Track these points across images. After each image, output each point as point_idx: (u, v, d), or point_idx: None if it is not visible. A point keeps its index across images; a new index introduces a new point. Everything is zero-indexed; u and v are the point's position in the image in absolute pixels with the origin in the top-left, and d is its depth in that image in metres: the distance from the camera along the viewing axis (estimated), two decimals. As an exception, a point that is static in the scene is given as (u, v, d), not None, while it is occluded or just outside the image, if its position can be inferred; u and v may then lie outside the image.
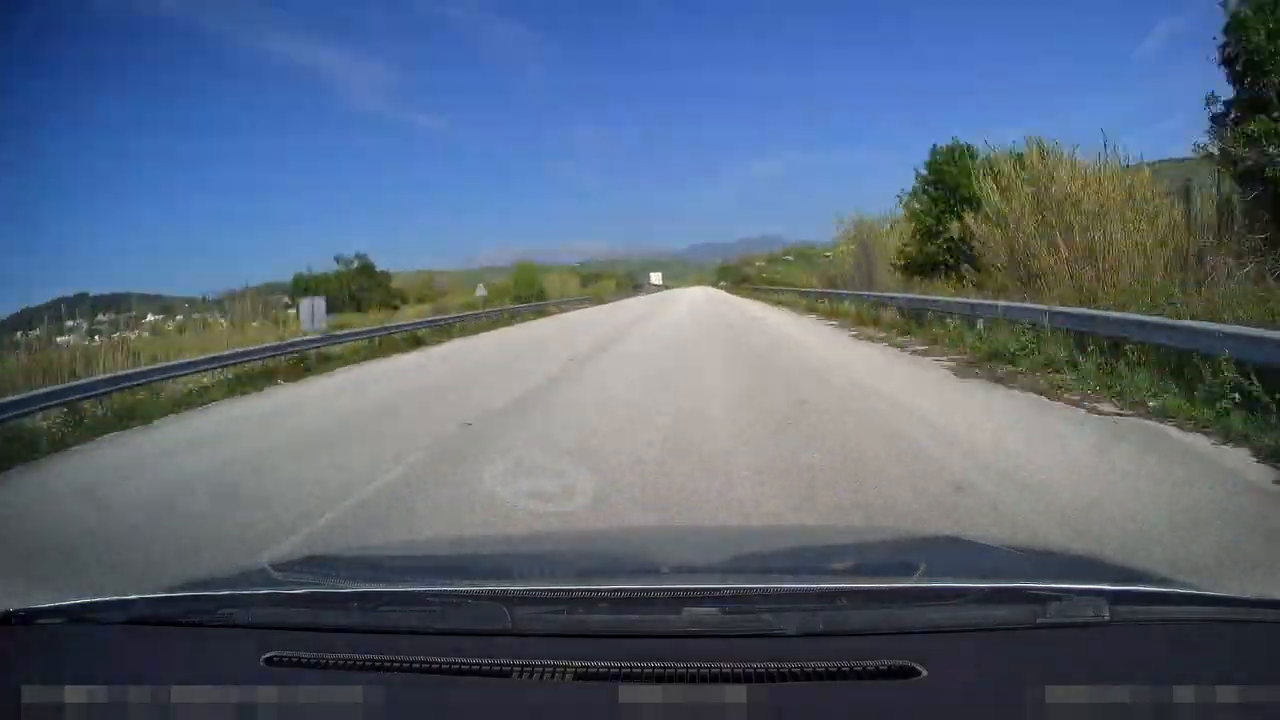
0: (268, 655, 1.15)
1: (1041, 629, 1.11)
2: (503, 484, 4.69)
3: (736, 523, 3.95)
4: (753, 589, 1.29)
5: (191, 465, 6.66)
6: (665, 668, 1.04)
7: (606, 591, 1.31)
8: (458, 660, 1.10)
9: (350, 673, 1.10)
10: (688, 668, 1.03)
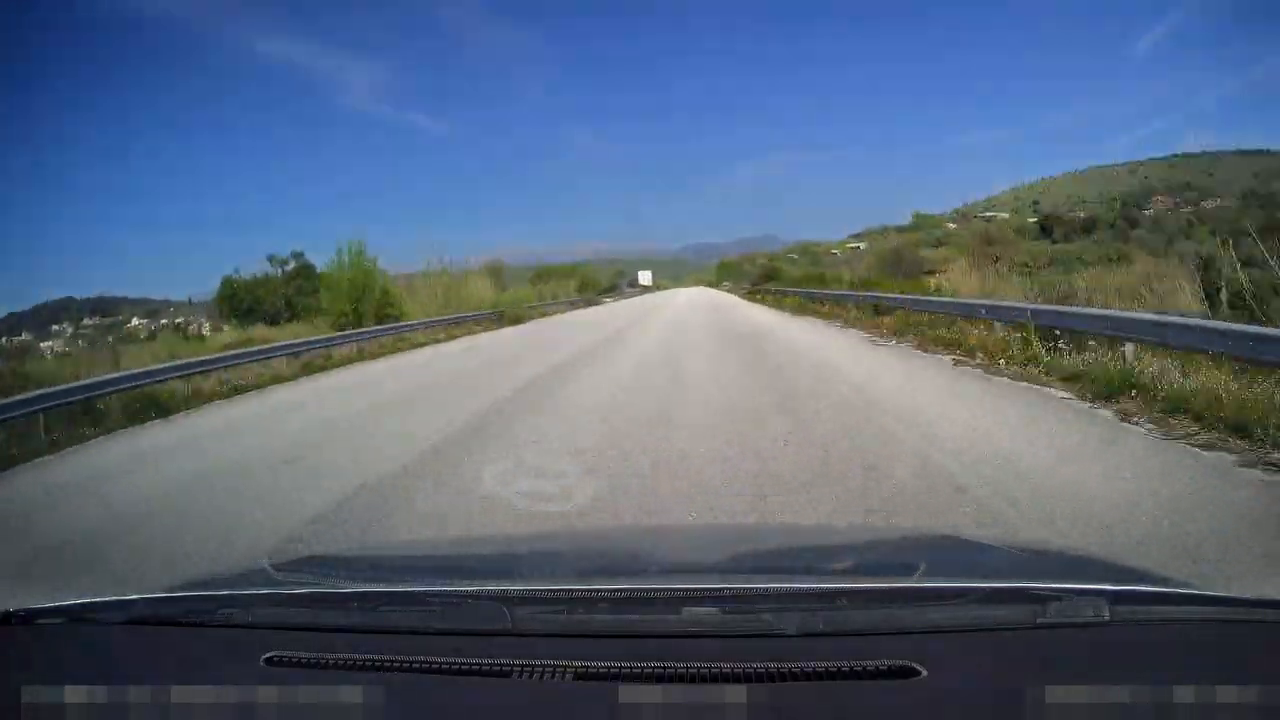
0: (268, 655, 1.15)
1: (1041, 629, 1.11)
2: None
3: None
4: (753, 589, 1.29)
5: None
6: (665, 668, 1.03)
7: (606, 591, 1.31)
8: (458, 660, 1.10)
9: (350, 673, 1.10)
10: (688, 668, 1.03)
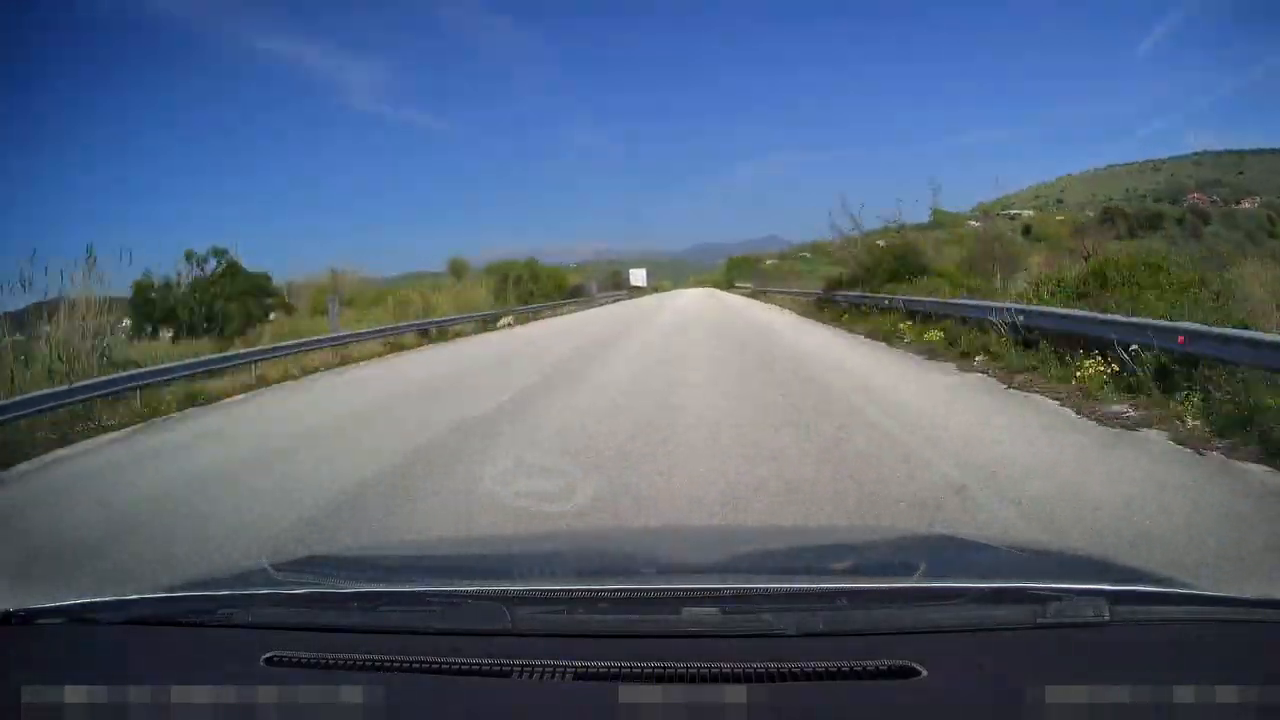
0: (268, 655, 1.15)
1: (1041, 629, 1.11)
2: None
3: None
4: (753, 589, 1.29)
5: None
6: (665, 668, 1.03)
7: (606, 591, 1.31)
8: (458, 660, 1.10)
9: (350, 673, 1.10)
10: (688, 668, 1.03)
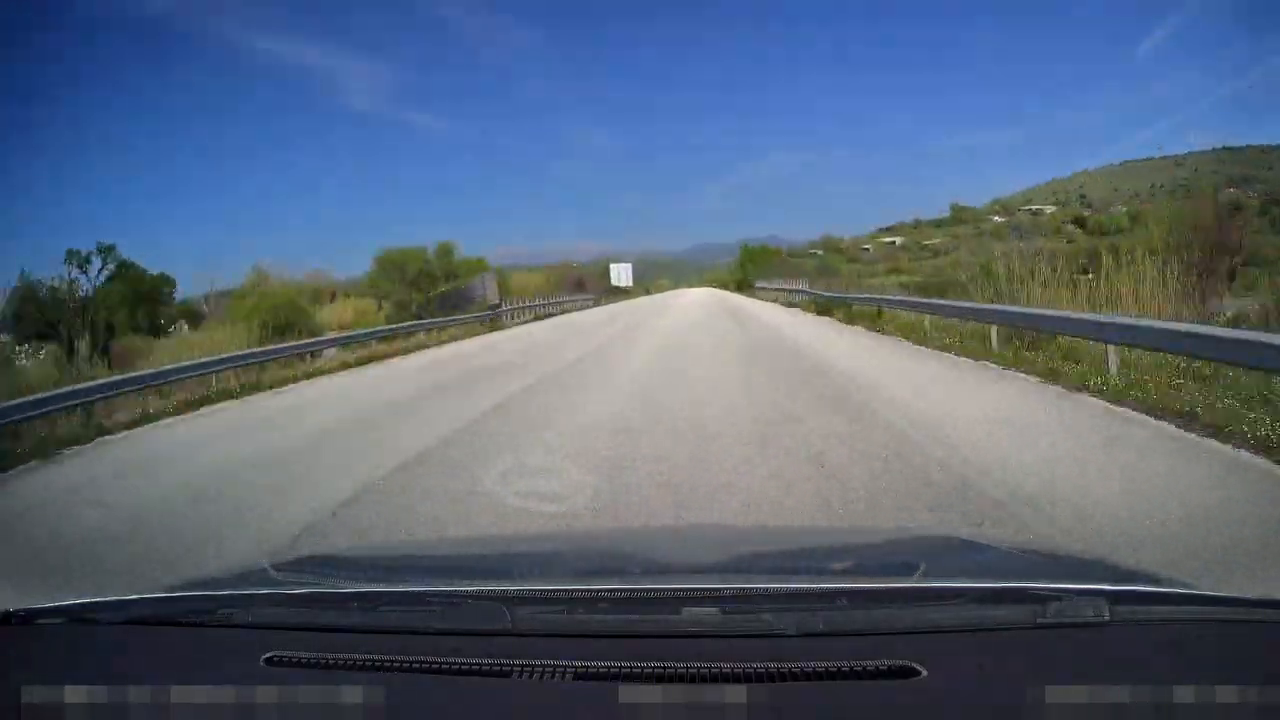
0: (268, 655, 1.15)
1: (1041, 629, 1.11)
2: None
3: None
4: (753, 589, 1.29)
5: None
6: (665, 668, 1.03)
7: (606, 591, 1.31)
8: (458, 660, 1.10)
9: (350, 673, 1.10)
10: (688, 668, 1.03)
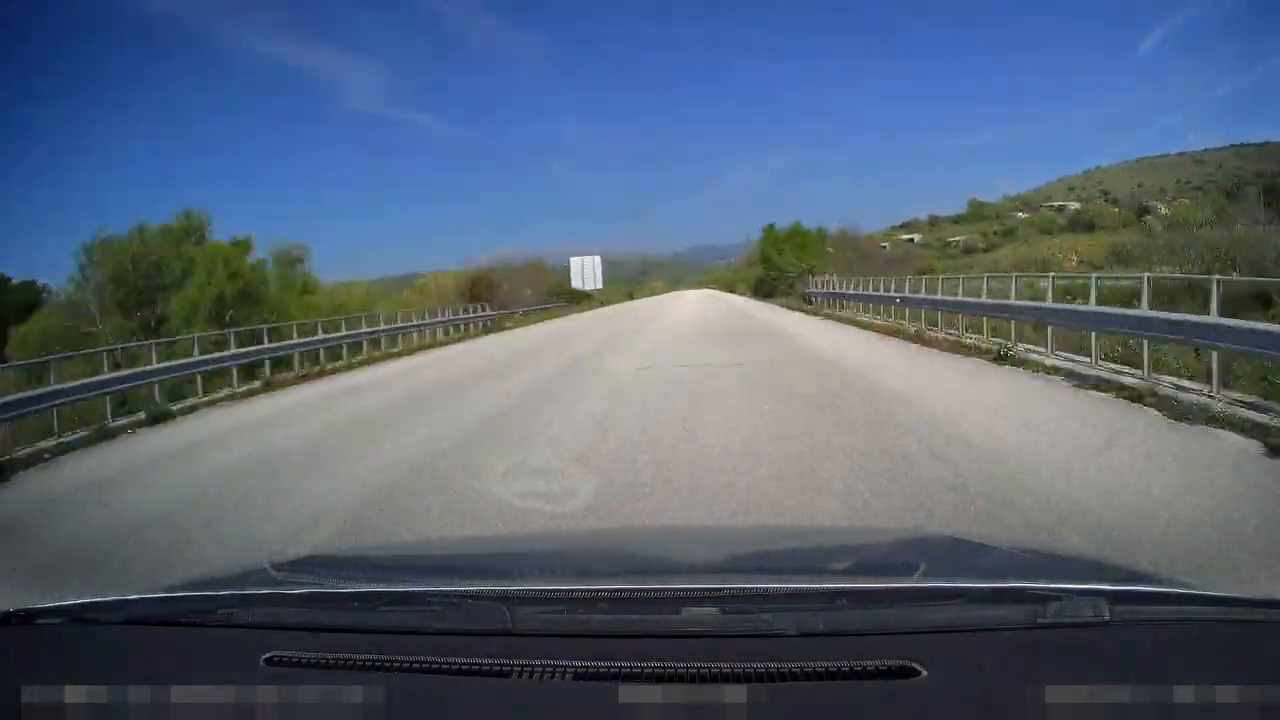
0: (268, 655, 1.15)
1: (1041, 629, 1.11)
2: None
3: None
4: (753, 589, 1.29)
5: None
6: (665, 668, 1.03)
7: (606, 591, 1.31)
8: (458, 660, 1.10)
9: (350, 673, 1.10)
10: (688, 668, 1.03)
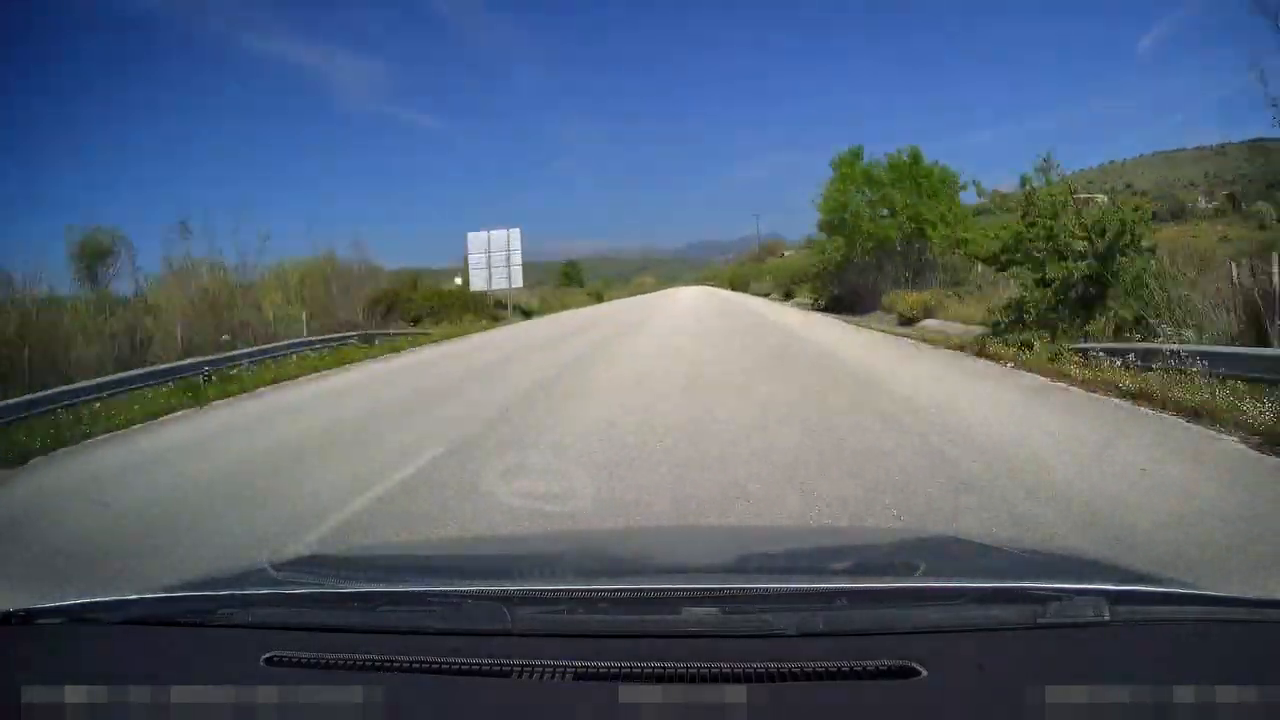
0: (268, 655, 1.15)
1: (1041, 629, 1.11)
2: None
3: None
4: (753, 589, 1.29)
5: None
6: (665, 668, 1.03)
7: (606, 591, 1.31)
8: (458, 660, 1.10)
9: (350, 673, 1.10)
10: (688, 668, 1.03)
